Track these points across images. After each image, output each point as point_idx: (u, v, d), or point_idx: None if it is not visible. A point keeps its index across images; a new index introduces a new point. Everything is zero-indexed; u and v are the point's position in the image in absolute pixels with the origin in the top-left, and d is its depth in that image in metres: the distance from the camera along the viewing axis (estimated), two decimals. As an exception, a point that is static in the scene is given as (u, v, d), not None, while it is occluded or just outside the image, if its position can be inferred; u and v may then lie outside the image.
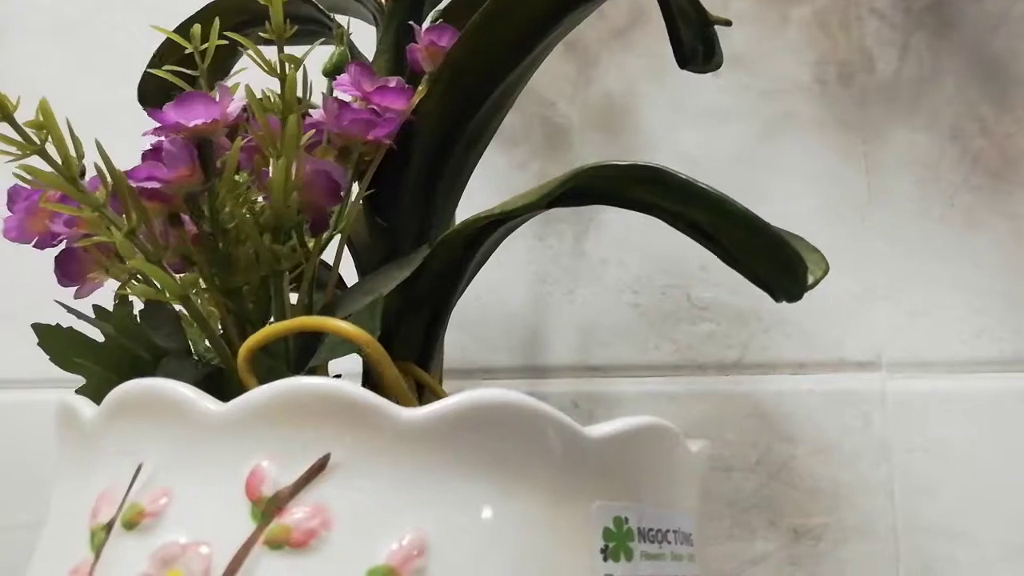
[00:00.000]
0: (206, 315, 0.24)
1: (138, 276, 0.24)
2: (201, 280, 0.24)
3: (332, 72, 0.29)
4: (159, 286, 0.22)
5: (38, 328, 0.26)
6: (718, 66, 0.27)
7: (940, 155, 0.37)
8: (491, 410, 0.18)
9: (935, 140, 0.37)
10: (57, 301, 0.25)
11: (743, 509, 0.35)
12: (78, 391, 0.25)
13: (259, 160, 0.26)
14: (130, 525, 0.18)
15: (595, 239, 0.41)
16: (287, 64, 0.24)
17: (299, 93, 0.25)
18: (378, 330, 0.22)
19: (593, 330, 0.40)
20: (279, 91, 0.24)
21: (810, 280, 0.19)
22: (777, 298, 0.20)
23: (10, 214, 0.26)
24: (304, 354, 0.23)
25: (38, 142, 0.23)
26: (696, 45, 0.26)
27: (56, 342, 0.26)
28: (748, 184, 0.39)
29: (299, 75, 0.25)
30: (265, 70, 0.25)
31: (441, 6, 0.30)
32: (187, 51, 0.27)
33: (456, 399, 0.18)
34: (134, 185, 0.22)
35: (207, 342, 0.25)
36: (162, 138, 0.23)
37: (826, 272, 0.21)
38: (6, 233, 0.26)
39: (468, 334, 0.42)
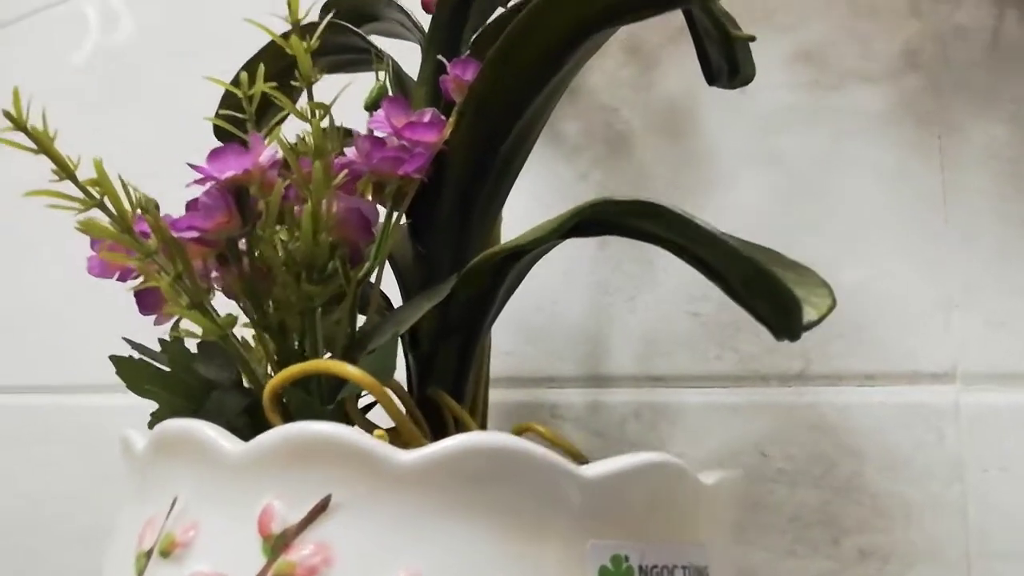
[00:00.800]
0: (254, 351, 0.26)
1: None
2: (246, 316, 0.26)
3: (371, 107, 0.31)
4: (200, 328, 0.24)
5: (115, 359, 0.28)
6: (746, 82, 0.27)
7: (1022, 151, 0.34)
8: (483, 453, 0.19)
9: (1017, 132, 0.34)
10: (124, 338, 0.27)
11: (806, 525, 0.34)
12: (152, 415, 0.28)
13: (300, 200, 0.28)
14: (165, 553, 0.20)
15: (654, 247, 0.40)
16: (317, 111, 0.26)
17: (340, 126, 0.27)
18: (394, 367, 0.23)
19: (655, 339, 0.40)
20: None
21: (807, 319, 0.19)
22: (778, 337, 0.20)
23: (92, 253, 0.28)
24: (334, 389, 0.24)
25: (97, 197, 0.25)
26: (721, 63, 0.25)
27: (130, 371, 0.28)
28: (817, 183, 0.38)
29: (341, 110, 0.26)
30: (297, 116, 0.26)
31: (475, 36, 0.31)
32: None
33: (449, 443, 0.19)
34: (175, 235, 0.24)
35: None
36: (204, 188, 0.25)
37: (831, 308, 0.20)
38: (90, 270, 0.29)
39: (533, 344, 0.43)
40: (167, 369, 0.28)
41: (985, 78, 0.35)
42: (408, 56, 0.35)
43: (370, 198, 0.28)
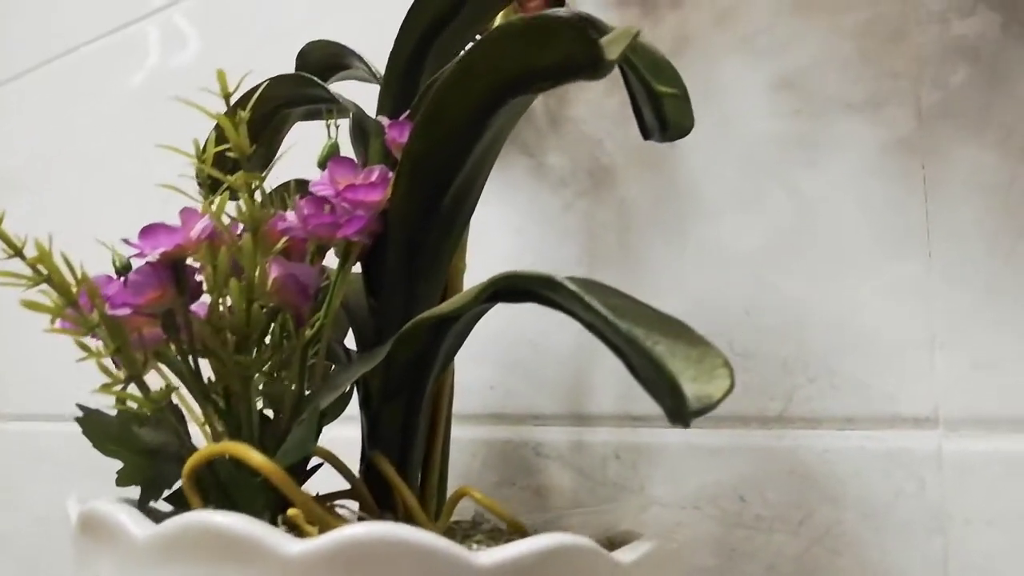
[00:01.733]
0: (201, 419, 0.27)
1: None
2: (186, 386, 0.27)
3: (323, 164, 0.31)
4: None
5: (80, 418, 0.29)
6: (682, 134, 0.26)
7: (1011, 178, 0.32)
8: (369, 545, 0.19)
9: (1005, 160, 0.32)
10: (77, 404, 0.28)
11: (783, 575, 0.33)
12: (117, 473, 0.29)
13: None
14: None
15: (639, 279, 0.40)
16: (251, 183, 0.26)
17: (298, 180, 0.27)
18: (314, 441, 0.23)
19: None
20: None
21: (694, 407, 0.18)
22: (671, 421, 0.19)
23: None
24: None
25: (43, 273, 0.26)
26: (652, 119, 0.25)
27: (94, 429, 0.29)
28: (798, 214, 0.36)
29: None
30: (233, 187, 0.27)
31: (417, 97, 0.31)
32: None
33: (335, 535, 0.19)
34: (108, 313, 0.25)
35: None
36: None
37: (727, 392, 0.19)
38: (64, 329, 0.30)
39: (520, 378, 0.43)
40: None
41: (971, 103, 0.33)
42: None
43: (313, 261, 0.28)
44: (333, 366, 0.30)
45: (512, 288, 0.23)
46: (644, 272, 0.40)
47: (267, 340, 0.27)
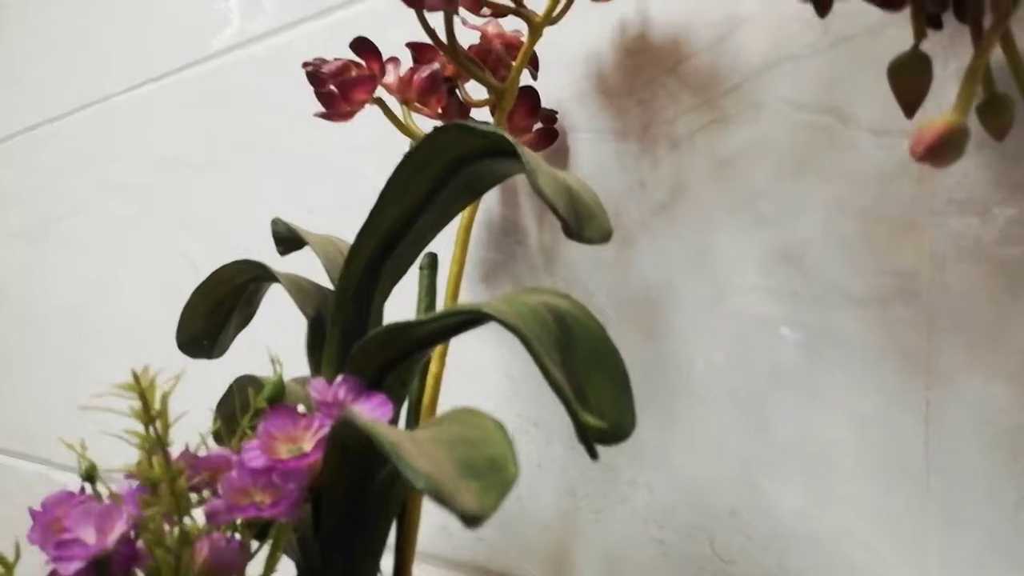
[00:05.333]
0: None
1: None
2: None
3: (268, 401, 0.30)
4: None
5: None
6: (620, 439, 0.24)
7: (1022, 420, 0.29)
8: None
9: (1018, 395, 0.29)
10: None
11: None
12: None
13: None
14: None
15: (626, 456, 0.38)
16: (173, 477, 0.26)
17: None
18: None
19: (617, 560, 0.38)
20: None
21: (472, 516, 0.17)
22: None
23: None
24: None
25: None
26: (584, 438, 0.23)
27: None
28: (787, 413, 0.34)
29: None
30: (145, 479, 0.26)
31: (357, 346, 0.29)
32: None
33: None
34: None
35: None
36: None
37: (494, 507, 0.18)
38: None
39: (503, 535, 0.42)
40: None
41: (986, 320, 0.30)
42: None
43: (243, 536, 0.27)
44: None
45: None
46: (629, 446, 0.38)
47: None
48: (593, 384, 0.23)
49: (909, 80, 0.26)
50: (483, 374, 0.44)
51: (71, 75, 0.78)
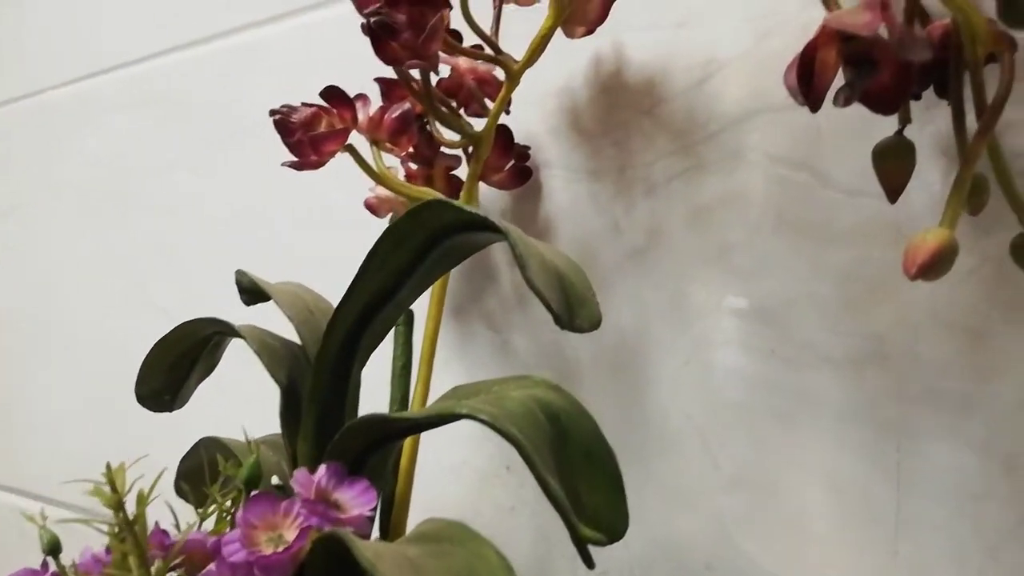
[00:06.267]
0: None
1: None
2: None
3: (244, 483, 0.29)
4: None
5: None
6: (615, 538, 0.24)
7: (989, 487, 0.29)
8: None
9: (985, 466, 0.30)
10: None
11: None
12: None
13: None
14: None
15: None
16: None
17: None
18: None
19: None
20: None
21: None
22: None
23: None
24: None
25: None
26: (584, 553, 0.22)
27: None
28: (761, 471, 0.34)
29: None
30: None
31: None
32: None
33: None
34: None
35: None
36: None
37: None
38: None
39: None
40: None
41: (957, 389, 0.30)
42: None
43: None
44: None
45: None
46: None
47: None
48: (587, 485, 0.23)
49: (893, 166, 0.26)
50: (454, 410, 0.43)
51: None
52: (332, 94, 0.34)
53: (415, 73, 0.34)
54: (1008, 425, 0.29)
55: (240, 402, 0.45)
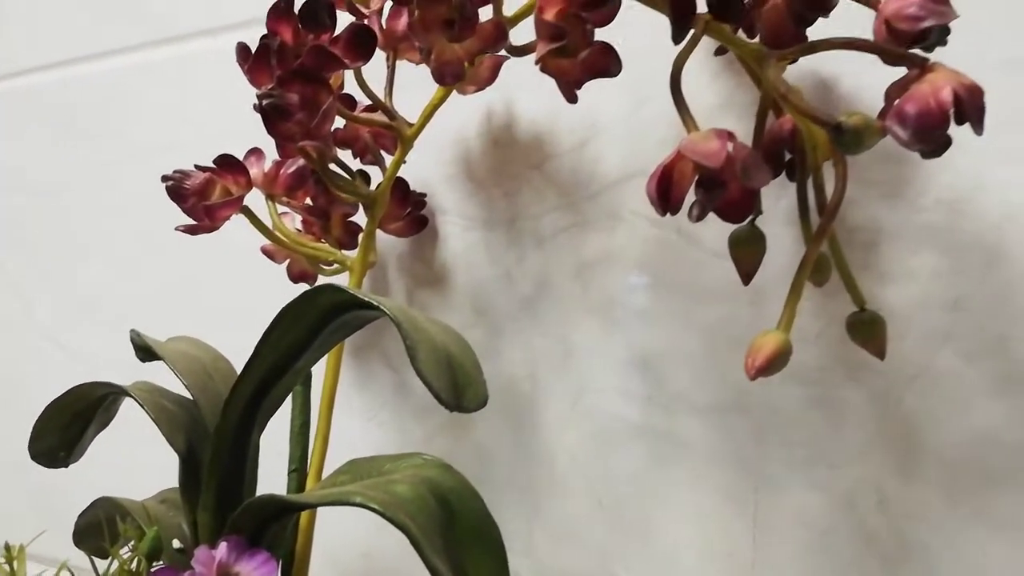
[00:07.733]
0: None
1: None
2: None
3: (148, 558, 0.30)
4: None
5: None
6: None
7: (832, 524, 0.33)
8: None
9: (828, 505, 0.34)
10: None
11: None
12: None
13: None
14: None
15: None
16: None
17: None
18: None
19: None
20: None
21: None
22: None
23: None
24: None
25: None
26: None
27: None
28: (636, 507, 0.37)
29: None
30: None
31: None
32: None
33: None
34: None
35: None
36: None
37: None
38: None
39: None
40: None
41: (805, 435, 0.34)
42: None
43: None
44: None
45: None
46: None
47: None
48: (473, 559, 0.26)
49: (746, 253, 0.29)
50: (353, 445, 0.45)
51: None
52: (225, 161, 0.34)
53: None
54: (849, 469, 0.33)
55: (141, 446, 0.45)
